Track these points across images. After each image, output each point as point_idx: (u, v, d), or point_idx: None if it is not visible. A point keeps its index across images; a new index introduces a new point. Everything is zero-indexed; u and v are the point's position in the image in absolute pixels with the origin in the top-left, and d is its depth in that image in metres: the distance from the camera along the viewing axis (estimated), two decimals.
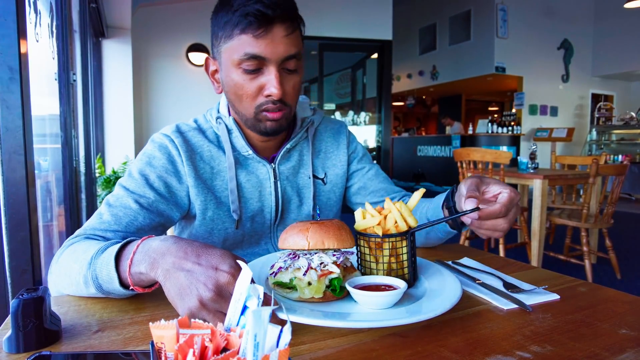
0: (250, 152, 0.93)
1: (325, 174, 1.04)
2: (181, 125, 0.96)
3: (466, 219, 0.73)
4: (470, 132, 9.01)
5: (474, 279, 0.81)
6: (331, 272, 0.68)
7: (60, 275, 0.73)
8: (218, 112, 0.97)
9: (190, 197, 0.91)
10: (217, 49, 0.85)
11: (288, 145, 0.97)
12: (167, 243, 0.60)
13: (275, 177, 0.96)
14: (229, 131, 0.94)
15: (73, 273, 0.69)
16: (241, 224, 0.96)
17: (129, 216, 0.82)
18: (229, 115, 0.95)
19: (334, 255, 0.71)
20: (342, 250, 0.73)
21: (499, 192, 0.73)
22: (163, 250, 0.59)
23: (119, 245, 0.66)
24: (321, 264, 0.69)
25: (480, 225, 0.73)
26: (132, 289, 0.65)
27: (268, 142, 0.96)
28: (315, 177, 1.02)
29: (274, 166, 0.96)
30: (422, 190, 0.76)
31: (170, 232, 1.15)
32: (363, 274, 0.74)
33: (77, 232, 0.81)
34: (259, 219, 0.98)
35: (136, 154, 4.92)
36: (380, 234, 0.70)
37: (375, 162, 1.16)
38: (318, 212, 0.85)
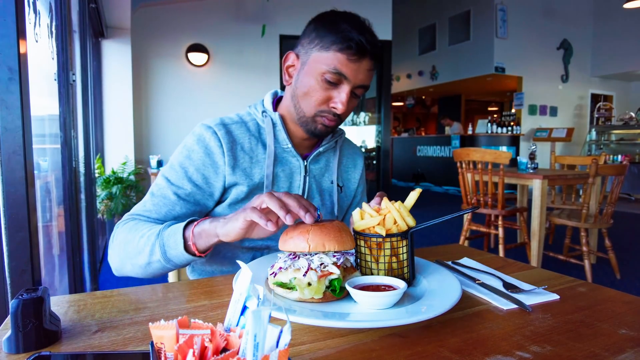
0: (290, 145, 1.03)
1: (343, 184, 1.17)
2: (225, 118, 1.04)
3: None
4: (469, 132, 9.01)
5: (473, 279, 0.81)
6: (331, 273, 0.68)
7: (123, 246, 0.88)
8: (263, 106, 1.06)
9: (225, 185, 0.99)
10: (307, 52, 0.97)
11: (321, 149, 1.08)
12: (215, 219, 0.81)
13: (306, 172, 1.07)
14: (274, 125, 1.04)
15: (140, 243, 0.85)
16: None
17: (167, 206, 0.94)
18: (274, 110, 1.06)
19: (334, 256, 0.71)
20: (342, 251, 0.73)
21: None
22: (213, 221, 0.80)
23: (182, 223, 0.83)
24: (321, 264, 0.69)
25: None
26: (192, 251, 0.81)
27: (305, 142, 1.07)
28: (337, 184, 1.14)
29: (306, 163, 1.07)
30: (418, 190, 0.76)
31: None
32: (363, 274, 0.74)
33: (125, 216, 0.95)
34: None
35: (136, 153, 4.92)
36: (383, 234, 0.70)
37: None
38: (319, 213, 0.85)
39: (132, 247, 0.86)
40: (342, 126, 1.19)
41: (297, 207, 0.71)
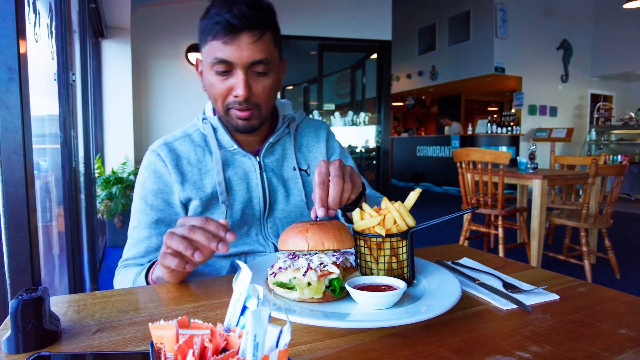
0: (235, 146, 1.01)
1: (308, 165, 1.11)
2: (167, 137, 1.05)
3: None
4: (469, 132, 9.01)
5: (473, 279, 0.81)
6: (331, 273, 0.68)
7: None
8: (204, 114, 1.06)
9: (182, 201, 1.00)
10: (201, 52, 0.96)
11: (271, 140, 1.04)
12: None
13: (260, 169, 1.04)
14: (214, 130, 1.03)
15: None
16: (231, 215, 1.01)
17: (143, 242, 0.97)
18: (214, 115, 1.05)
19: (333, 255, 0.71)
20: (342, 250, 0.73)
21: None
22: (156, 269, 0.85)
23: (144, 271, 0.89)
24: (321, 264, 0.69)
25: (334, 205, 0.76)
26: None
27: (251, 138, 1.05)
28: (299, 168, 1.09)
29: (259, 159, 1.04)
30: (418, 190, 0.76)
31: None
32: (363, 274, 0.74)
33: (119, 264, 1.01)
34: (249, 211, 1.03)
35: (136, 154, 4.92)
36: (383, 234, 0.70)
37: (350, 158, 1.19)
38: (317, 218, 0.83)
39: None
40: (341, 125, 1.18)
41: (206, 240, 0.69)
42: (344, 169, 0.79)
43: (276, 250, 1.02)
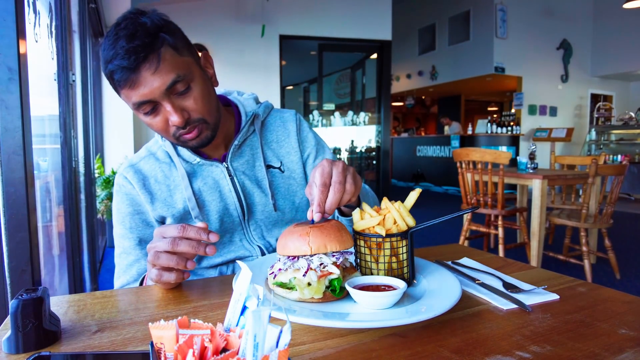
0: (198, 159, 0.97)
1: (281, 162, 1.06)
2: (133, 158, 1.03)
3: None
4: (469, 132, 9.01)
5: (473, 279, 0.81)
6: (331, 273, 0.68)
7: None
8: None
9: (157, 219, 0.98)
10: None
11: (236, 142, 0.99)
12: None
13: (230, 174, 1.00)
14: (174, 146, 0.99)
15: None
16: (210, 227, 0.99)
17: (133, 266, 0.97)
18: None
19: (333, 255, 0.71)
20: (342, 250, 0.73)
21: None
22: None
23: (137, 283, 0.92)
24: (321, 264, 0.69)
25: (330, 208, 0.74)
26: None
27: (217, 143, 0.99)
28: (270, 166, 1.04)
29: (226, 165, 0.99)
30: (418, 190, 0.76)
31: None
32: (362, 274, 0.74)
33: (115, 284, 1.00)
34: (227, 218, 1.01)
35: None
36: (383, 234, 0.70)
37: (329, 151, 1.14)
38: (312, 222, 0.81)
39: None
40: (341, 125, 1.16)
41: (192, 249, 0.70)
42: (346, 171, 0.76)
43: (263, 253, 1.01)
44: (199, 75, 0.88)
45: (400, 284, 0.66)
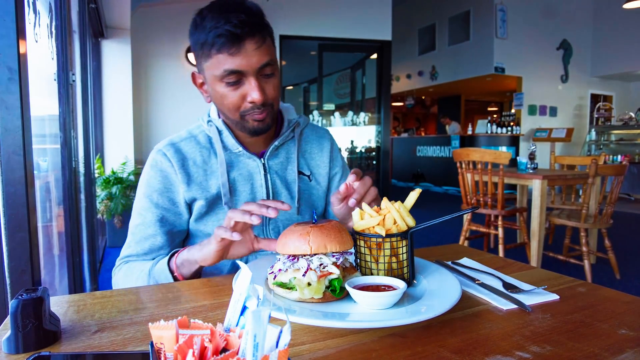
0: (240, 149, 1.02)
1: (310, 172, 1.13)
2: (173, 138, 1.06)
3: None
4: (469, 132, 9.01)
5: (473, 279, 0.81)
6: (331, 273, 0.68)
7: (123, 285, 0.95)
8: (209, 116, 1.06)
9: (186, 201, 1.01)
10: (200, 65, 0.96)
11: (276, 143, 1.05)
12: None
13: (265, 171, 1.05)
14: (219, 132, 1.03)
15: (136, 285, 0.91)
16: None
17: (148, 240, 0.98)
18: (219, 117, 1.05)
19: (333, 256, 0.71)
20: (342, 251, 0.73)
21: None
22: (190, 249, 0.87)
23: (166, 258, 0.90)
24: (320, 265, 0.69)
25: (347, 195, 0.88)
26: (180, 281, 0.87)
27: (257, 140, 1.05)
28: (301, 173, 1.11)
29: (263, 161, 1.05)
30: (418, 191, 0.76)
31: None
32: (362, 274, 0.74)
33: (117, 262, 1.01)
34: None
35: (135, 154, 4.92)
36: (383, 234, 0.70)
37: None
38: (315, 216, 0.84)
39: (127, 285, 0.92)
40: (341, 126, 1.20)
41: (258, 209, 0.77)
42: (377, 195, 0.89)
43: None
44: (278, 68, 0.97)
45: (400, 284, 0.66)
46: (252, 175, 1.04)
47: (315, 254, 0.71)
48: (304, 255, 0.71)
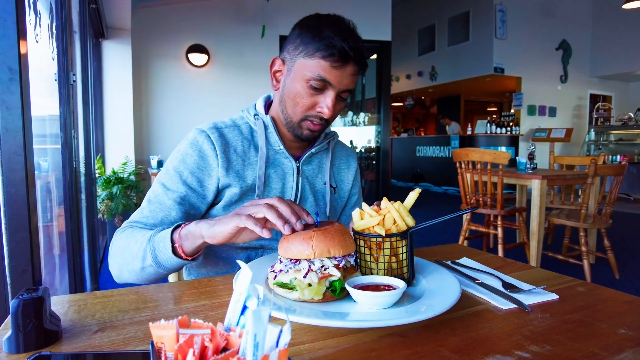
0: (282, 147, 1.06)
1: (337, 185, 1.19)
2: (218, 122, 1.07)
3: None
4: (469, 132, 9.01)
5: (473, 279, 0.81)
6: (332, 275, 0.68)
7: (120, 252, 0.91)
8: (255, 109, 1.10)
9: (219, 187, 1.01)
10: (292, 59, 0.98)
11: (313, 150, 1.10)
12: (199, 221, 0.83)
13: (298, 173, 1.08)
14: (265, 127, 1.06)
15: (134, 249, 0.87)
16: None
17: (163, 211, 0.97)
18: (266, 113, 1.09)
19: (335, 258, 0.71)
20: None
21: None
22: (199, 223, 0.81)
23: (172, 227, 0.84)
24: (322, 266, 0.69)
25: None
26: (179, 254, 0.82)
27: (297, 143, 1.10)
28: (330, 185, 1.15)
29: (298, 164, 1.09)
30: (418, 191, 0.76)
31: None
32: (362, 274, 0.74)
33: (123, 224, 0.99)
34: None
35: (136, 154, 4.92)
36: (382, 233, 0.70)
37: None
38: (317, 216, 0.84)
39: (127, 253, 0.89)
40: (341, 126, 1.21)
41: (290, 215, 0.74)
42: None
43: None
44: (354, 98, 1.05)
45: (400, 284, 0.66)
46: (286, 175, 1.07)
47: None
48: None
